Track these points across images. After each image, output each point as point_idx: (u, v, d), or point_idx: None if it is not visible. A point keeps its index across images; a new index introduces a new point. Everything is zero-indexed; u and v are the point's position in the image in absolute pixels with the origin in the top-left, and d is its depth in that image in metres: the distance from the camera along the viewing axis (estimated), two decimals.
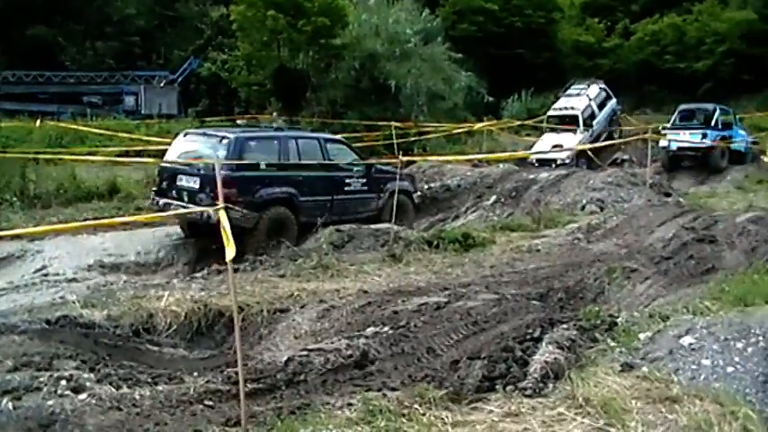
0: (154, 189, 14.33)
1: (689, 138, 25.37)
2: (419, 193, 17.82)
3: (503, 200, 19.61)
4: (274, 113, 31.75)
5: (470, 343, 7.23)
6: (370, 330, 7.55)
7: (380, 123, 27.87)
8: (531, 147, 27.94)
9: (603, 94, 30.47)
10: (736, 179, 23.88)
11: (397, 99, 31.55)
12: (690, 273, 10.46)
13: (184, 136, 14.60)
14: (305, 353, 6.92)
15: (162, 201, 13.61)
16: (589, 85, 30.83)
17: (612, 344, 6.74)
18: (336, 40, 31.71)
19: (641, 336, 6.67)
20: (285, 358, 6.77)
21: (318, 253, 11.80)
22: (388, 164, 16.09)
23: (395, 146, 24.53)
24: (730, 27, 49.78)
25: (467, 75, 36.52)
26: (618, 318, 7.59)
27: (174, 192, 13.45)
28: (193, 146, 14.07)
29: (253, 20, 31.34)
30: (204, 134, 14.45)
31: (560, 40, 55.29)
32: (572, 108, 28.81)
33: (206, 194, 12.67)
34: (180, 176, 13.45)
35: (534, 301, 8.97)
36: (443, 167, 22.90)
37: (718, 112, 26.27)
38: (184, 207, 12.76)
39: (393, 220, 14.55)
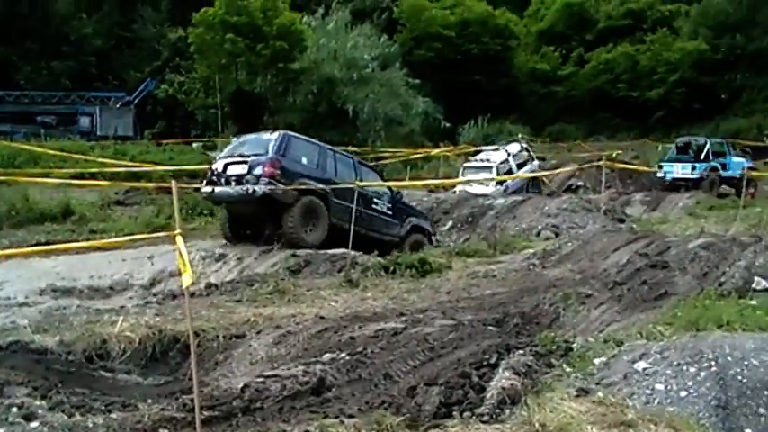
0: (204, 181, 15.58)
1: (680, 170, 27.56)
2: (436, 237, 18.78)
3: (459, 225, 19.72)
4: (231, 137, 31.71)
5: (427, 369, 7.21)
6: (326, 356, 7.51)
7: (338, 148, 27.91)
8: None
9: (525, 154, 29.17)
10: (687, 205, 24.24)
11: (355, 124, 31.76)
12: (643, 298, 10.54)
13: (238, 138, 16.66)
14: (261, 379, 6.86)
15: (206, 189, 15.22)
16: (509, 143, 30.05)
17: (568, 369, 6.78)
18: (295, 64, 31.86)
19: (596, 361, 6.72)
20: (241, 385, 6.70)
21: (275, 278, 11.76)
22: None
23: None
24: (682, 57, 50.88)
25: (424, 100, 36.90)
26: (573, 343, 7.63)
27: (222, 180, 14.81)
28: (247, 143, 15.78)
29: (211, 43, 31.40)
30: (256, 134, 16.36)
31: (516, 67, 56.05)
32: (488, 161, 27.88)
33: (252, 176, 14.25)
34: (229, 167, 14.90)
35: (491, 327, 8.98)
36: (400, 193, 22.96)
37: (708, 144, 28.15)
38: (227, 191, 14.60)
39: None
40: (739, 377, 5.72)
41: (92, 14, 48.98)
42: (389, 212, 16.65)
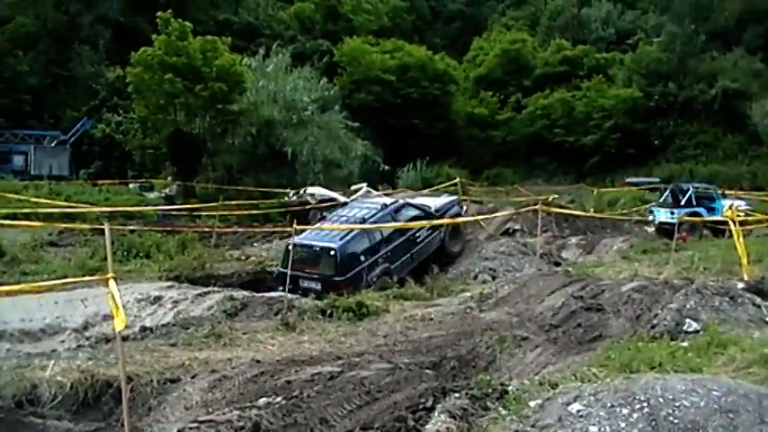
0: (280, 288, 16.16)
1: (664, 215, 28.59)
2: (465, 208, 22.90)
3: None
4: (169, 178, 31.42)
5: (363, 413, 7.19)
6: (262, 401, 7.45)
7: (276, 190, 27.88)
8: None
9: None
10: (621, 249, 24.58)
11: (294, 166, 31.68)
12: (578, 340, 10.67)
13: (293, 247, 16.61)
14: (195, 425, 6.77)
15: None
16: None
17: (504, 412, 6.80)
18: (233, 105, 31.70)
19: (531, 403, 6.76)
20: (175, 431, 6.61)
21: (211, 321, 11.64)
22: (283, 233, 17.22)
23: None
24: (616, 104, 52.05)
25: (363, 143, 37.05)
26: (509, 386, 7.66)
27: (300, 291, 15.64)
28: (305, 258, 16.69)
29: (149, 82, 31.07)
30: (311, 247, 16.89)
31: (455, 111, 56.66)
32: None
33: (329, 293, 14.85)
34: (301, 280, 16.20)
35: (427, 370, 8.99)
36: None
37: (691, 191, 29.07)
38: None
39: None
40: (671, 418, 5.80)
41: (27, 52, 48.25)
42: (429, 231, 18.92)
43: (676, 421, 5.77)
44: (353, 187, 28.98)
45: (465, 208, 23.02)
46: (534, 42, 65.68)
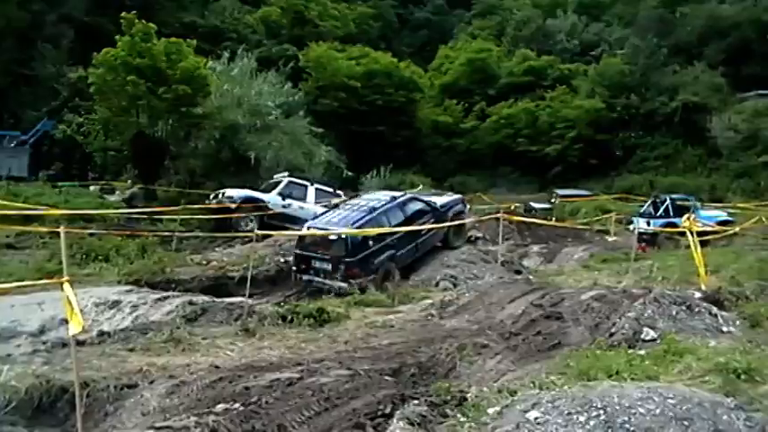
0: (294, 268, 18.07)
1: (642, 225, 29.47)
2: (468, 207, 24.17)
3: None
4: (129, 181, 31.10)
5: (322, 420, 7.17)
6: (220, 407, 7.40)
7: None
8: None
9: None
10: (582, 258, 24.80)
11: (257, 171, 31.46)
12: (537, 348, 10.73)
13: (308, 229, 18.65)
14: (152, 431, 6.71)
15: (305, 277, 17.73)
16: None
17: (462, 419, 6.83)
18: (197, 108, 31.43)
19: (490, 410, 6.79)
20: None
21: (170, 326, 11.52)
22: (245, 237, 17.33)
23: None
24: (579, 114, 52.57)
25: (327, 149, 36.98)
26: (468, 393, 7.68)
27: (312, 271, 17.66)
28: (318, 241, 18.10)
29: (112, 84, 30.69)
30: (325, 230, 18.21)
31: (420, 119, 56.83)
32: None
33: (338, 273, 17.07)
34: (314, 260, 17.74)
35: (387, 377, 8.98)
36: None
37: (668, 202, 30.45)
38: (322, 282, 17.18)
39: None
40: (627, 425, 5.87)
41: None
42: (435, 223, 19.85)
43: (632, 428, 5.84)
44: (276, 177, 28.53)
45: (468, 206, 24.23)
46: (500, 52, 66.22)
